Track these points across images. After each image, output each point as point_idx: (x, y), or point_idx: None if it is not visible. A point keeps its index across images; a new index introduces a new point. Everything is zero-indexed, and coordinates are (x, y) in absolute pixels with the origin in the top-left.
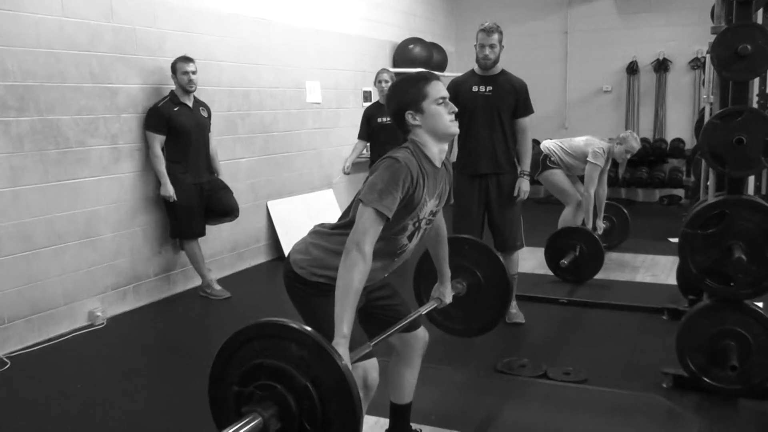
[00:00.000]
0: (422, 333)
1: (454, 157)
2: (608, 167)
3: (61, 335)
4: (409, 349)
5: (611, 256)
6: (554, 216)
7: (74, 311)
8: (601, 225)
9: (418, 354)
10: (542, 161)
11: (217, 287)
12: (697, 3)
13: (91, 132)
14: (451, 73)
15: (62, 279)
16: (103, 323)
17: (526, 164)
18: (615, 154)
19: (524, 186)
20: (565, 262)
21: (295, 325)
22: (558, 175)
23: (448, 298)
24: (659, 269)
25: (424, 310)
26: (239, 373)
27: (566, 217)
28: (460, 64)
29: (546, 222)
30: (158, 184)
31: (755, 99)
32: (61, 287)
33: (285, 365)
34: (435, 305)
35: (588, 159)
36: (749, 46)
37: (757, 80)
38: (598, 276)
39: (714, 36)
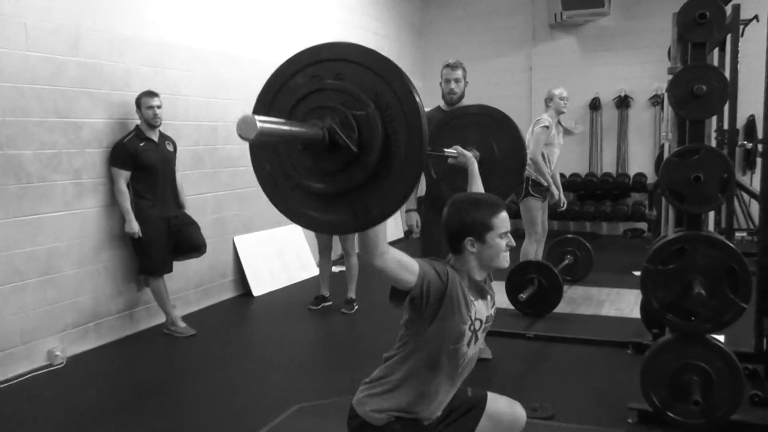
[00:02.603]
0: (521, 417)
1: (422, 192)
2: (561, 136)
3: (19, 375)
4: None
5: (577, 290)
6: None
7: (33, 351)
8: (564, 199)
9: None
10: (526, 187)
11: (182, 324)
12: (656, 42)
13: (54, 167)
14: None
15: (20, 317)
16: (62, 363)
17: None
18: (556, 107)
19: None
20: (523, 296)
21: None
22: (537, 207)
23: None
24: (624, 303)
25: (446, 153)
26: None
27: (527, 250)
28: (427, 99)
29: (514, 256)
30: (123, 219)
31: (713, 135)
32: (20, 326)
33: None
34: (454, 153)
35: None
36: (704, 87)
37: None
38: (565, 310)
39: (671, 76)
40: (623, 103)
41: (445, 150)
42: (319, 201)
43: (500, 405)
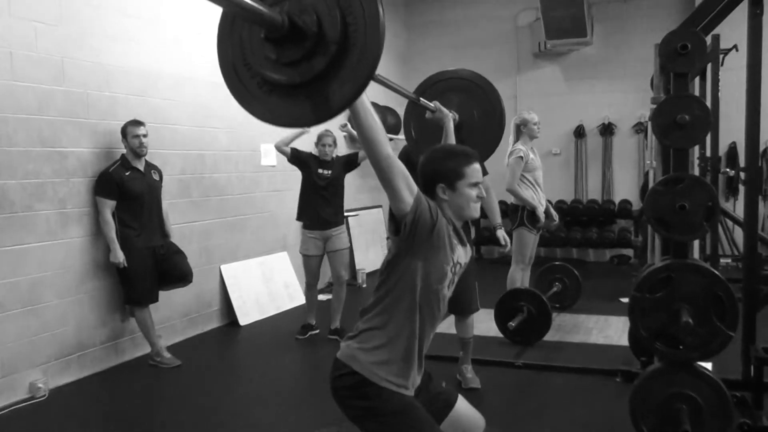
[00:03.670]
0: (480, 422)
1: None
2: (538, 157)
3: (0, 408)
4: None
5: (565, 318)
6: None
7: (14, 383)
8: (554, 213)
9: None
10: (521, 216)
11: (167, 355)
12: (638, 70)
13: (39, 196)
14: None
15: (2, 349)
16: (44, 395)
17: (496, 218)
18: (530, 133)
19: (503, 233)
20: (512, 324)
21: None
22: (529, 238)
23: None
24: (612, 330)
25: (424, 103)
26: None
27: (513, 276)
28: None
29: (501, 283)
30: (108, 249)
31: (696, 162)
32: (0, 357)
33: None
34: (432, 107)
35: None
36: (687, 116)
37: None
38: (554, 338)
39: (654, 105)
40: (607, 130)
41: (422, 99)
42: (281, 93)
43: (465, 406)
